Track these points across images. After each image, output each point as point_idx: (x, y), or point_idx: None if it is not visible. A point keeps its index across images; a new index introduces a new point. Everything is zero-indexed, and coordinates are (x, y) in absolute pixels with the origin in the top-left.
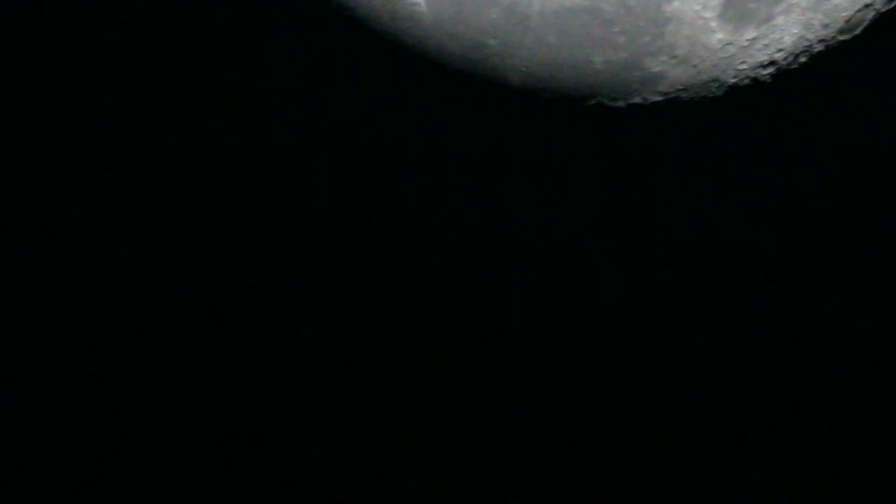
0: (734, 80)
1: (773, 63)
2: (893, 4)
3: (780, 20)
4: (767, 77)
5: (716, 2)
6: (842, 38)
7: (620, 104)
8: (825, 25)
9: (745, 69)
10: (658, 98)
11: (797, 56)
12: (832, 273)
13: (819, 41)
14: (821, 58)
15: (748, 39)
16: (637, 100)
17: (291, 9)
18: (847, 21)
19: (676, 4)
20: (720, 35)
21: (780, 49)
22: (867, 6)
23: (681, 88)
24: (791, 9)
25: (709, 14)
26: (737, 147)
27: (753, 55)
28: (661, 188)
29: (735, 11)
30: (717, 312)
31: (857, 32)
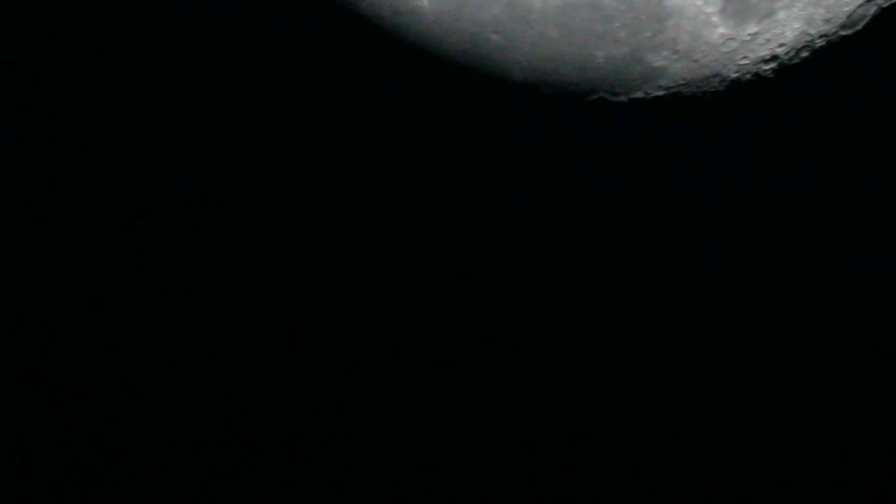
0: (736, 75)
1: (775, 58)
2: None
3: (782, 15)
4: (769, 72)
5: None
6: (843, 34)
7: (622, 99)
8: (827, 20)
9: (747, 64)
10: (660, 93)
11: (799, 51)
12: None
13: (821, 36)
14: (822, 53)
15: (750, 34)
16: (639, 94)
17: (293, 4)
18: (849, 16)
19: None
20: (722, 30)
21: (782, 44)
22: (869, 1)
23: (682, 83)
24: (793, 4)
25: (710, 9)
26: (738, 142)
27: (755, 50)
28: (663, 183)
29: (736, 6)
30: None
31: (859, 27)
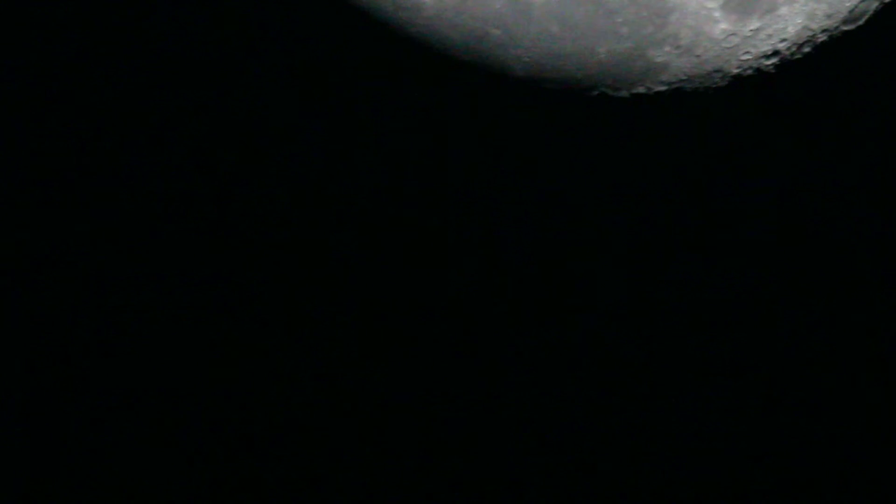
0: (737, 71)
1: (777, 53)
2: None
3: (784, 10)
4: (771, 67)
5: None
6: (846, 29)
7: (624, 94)
8: (829, 16)
9: (749, 59)
10: (661, 88)
11: (801, 46)
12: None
13: (823, 31)
14: (824, 48)
15: (752, 30)
16: (640, 90)
17: None
18: (851, 11)
19: None
20: (724, 25)
21: (784, 39)
22: None
23: (684, 79)
24: None
25: (712, 4)
26: (740, 137)
27: (757, 45)
28: (664, 178)
29: (738, 1)
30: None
31: (861, 23)
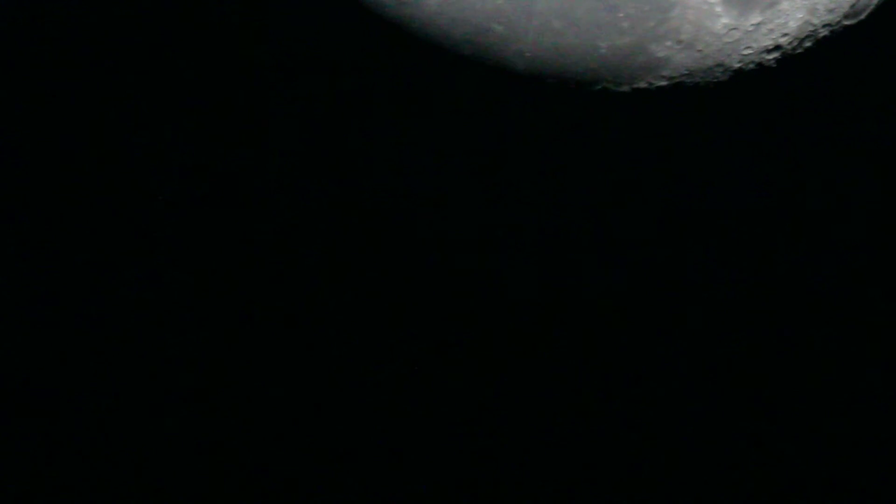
0: (739, 65)
1: (778, 48)
2: None
3: (786, 5)
4: (772, 62)
5: None
6: (847, 23)
7: (625, 89)
8: (830, 10)
9: (750, 54)
10: (663, 83)
11: (802, 41)
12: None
13: (824, 26)
14: (826, 43)
15: (753, 24)
16: (642, 85)
17: None
18: (852, 6)
19: None
20: (725, 20)
21: (785, 34)
22: None
23: (686, 73)
24: None
25: None
26: (741, 131)
27: (758, 40)
28: (666, 172)
29: None
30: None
31: (863, 17)
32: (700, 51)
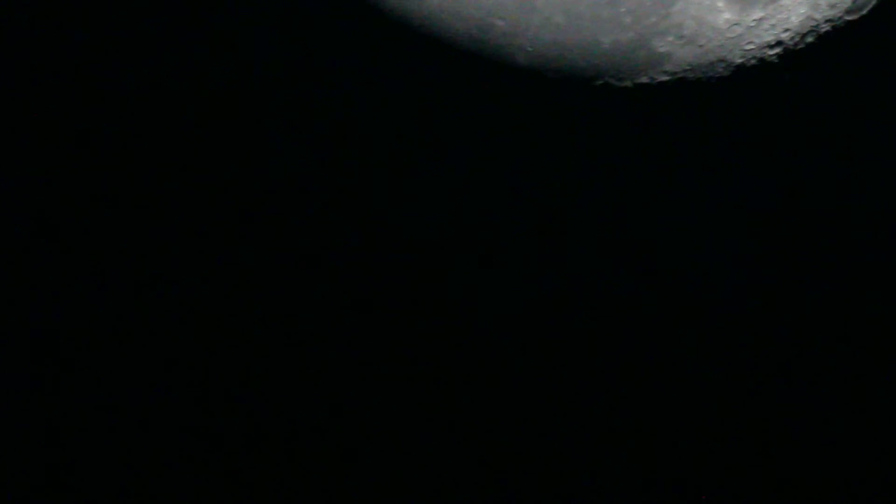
0: (741, 61)
1: (780, 43)
2: None
3: (787, 0)
4: (774, 57)
5: None
6: (848, 19)
7: (627, 84)
8: (832, 6)
9: (752, 49)
10: (665, 78)
11: (804, 36)
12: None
13: (826, 21)
14: (827, 38)
15: (755, 20)
16: (644, 80)
17: None
18: (854, 1)
19: None
20: (727, 15)
21: (787, 29)
22: None
23: (687, 68)
24: None
25: None
26: (743, 127)
27: (760, 35)
28: (667, 167)
29: None
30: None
31: (864, 13)
32: (702, 46)
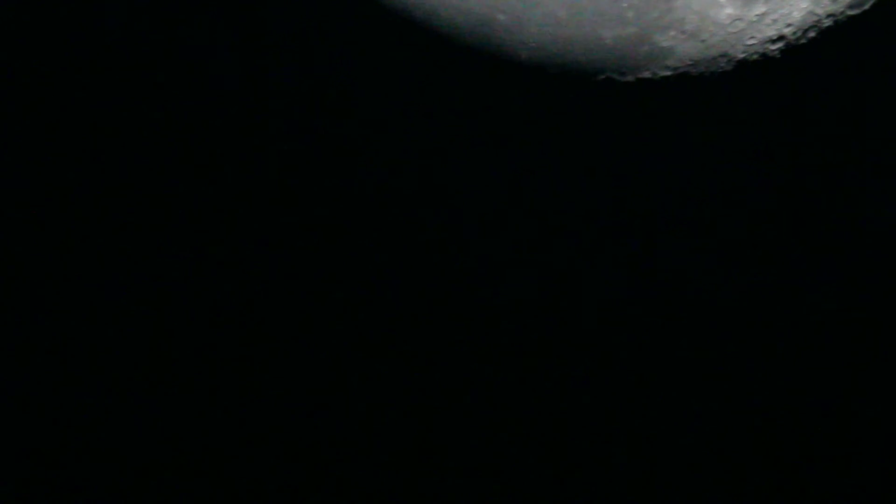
0: (743, 55)
1: (782, 38)
2: None
3: None
4: (776, 52)
5: None
6: (851, 13)
7: (629, 79)
8: (834, 0)
9: (754, 44)
10: (667, 73)
11: (806, 31)
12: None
13: (828, 16)
14: (830, 33)
15: (757, 14)
16: (646, 75)
17: None
18: None
19: None
20: (729, 10)
21: (789, 24)
22: None
23: (690, 63)
24: None
25: None
26: (745, 121)
27: (762, 30)
28: (670, 162)
29: None
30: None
31: (867, 7)
32: (704, 41)
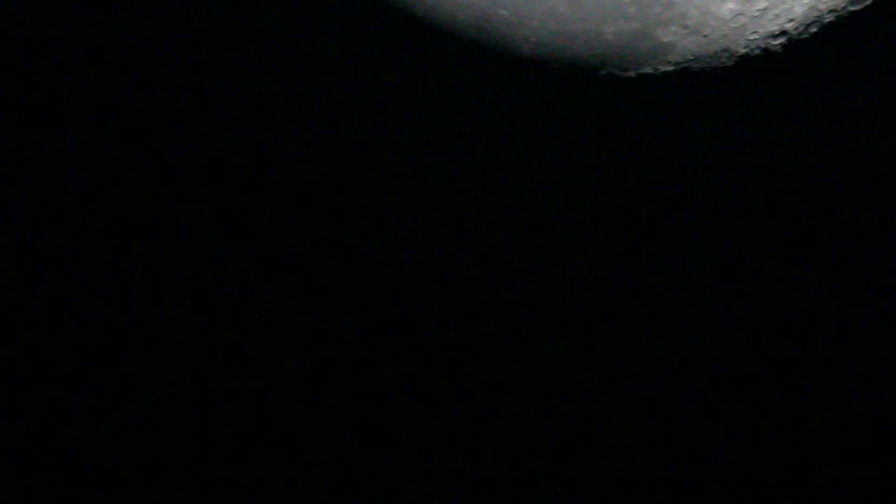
0: (745, 51)
1: (784, 33)
2: None
3: None
4: (778, 47)
5: None
6: (852, 9)
7: (631, 74)
8: None
9: (756, 39)
10: (669, 68)
11: (808, 26)
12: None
13: (830, 11)
14: (831, 28)
15: (759, 9)
16: (648, 70)
17: None
18: None
19: None
20: (731, 5)
21: (791, 19)
22: None
23: (691, 58)
24: None
25: None
26: (747, 117)
27: (764, 25)
28: (671, 158)
29: None
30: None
31: (868, 2)
32: (706, 36)
